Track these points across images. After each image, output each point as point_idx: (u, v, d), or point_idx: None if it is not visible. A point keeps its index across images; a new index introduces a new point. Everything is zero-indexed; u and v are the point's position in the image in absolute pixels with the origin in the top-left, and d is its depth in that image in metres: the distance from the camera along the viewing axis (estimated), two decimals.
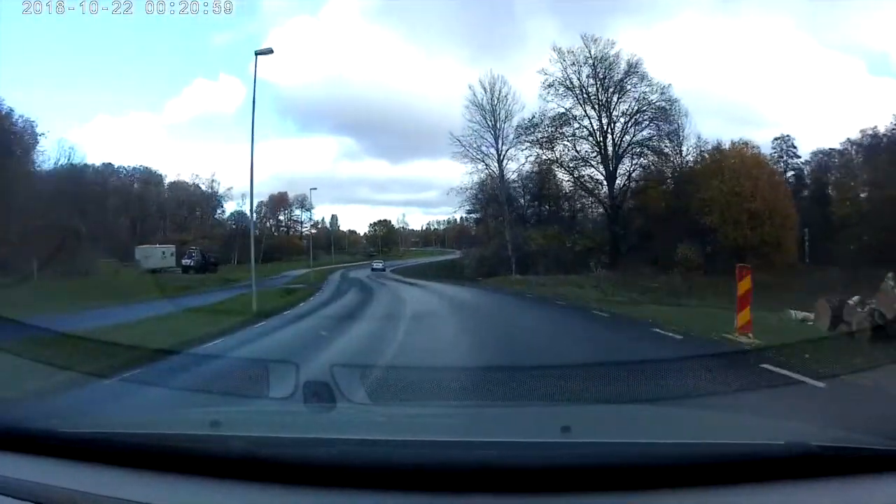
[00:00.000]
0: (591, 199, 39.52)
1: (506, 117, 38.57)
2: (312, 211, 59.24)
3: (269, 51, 23.87)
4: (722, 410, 4.33)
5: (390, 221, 68.18)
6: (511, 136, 38.47)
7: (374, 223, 67.92)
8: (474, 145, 38.53)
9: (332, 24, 60.66)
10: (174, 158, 76.53)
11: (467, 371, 7.88)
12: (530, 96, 45.20)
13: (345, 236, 66.98)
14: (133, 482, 1.73)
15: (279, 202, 58.52)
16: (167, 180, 49.44)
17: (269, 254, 48.62)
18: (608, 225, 37.21)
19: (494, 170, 39.05)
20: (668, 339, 11.11)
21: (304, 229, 59.10)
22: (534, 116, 37.90)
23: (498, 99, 38.56)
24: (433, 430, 2.36)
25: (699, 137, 37.04)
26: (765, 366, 7.70)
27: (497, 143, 38.72)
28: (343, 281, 37.85)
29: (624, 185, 37.65)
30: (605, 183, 37.67)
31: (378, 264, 51.20)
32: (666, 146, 37.33)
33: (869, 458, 1.68)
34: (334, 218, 66.43)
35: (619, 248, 35.92)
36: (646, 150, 37.39)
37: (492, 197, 40.37)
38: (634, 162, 37.79)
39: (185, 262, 39.80)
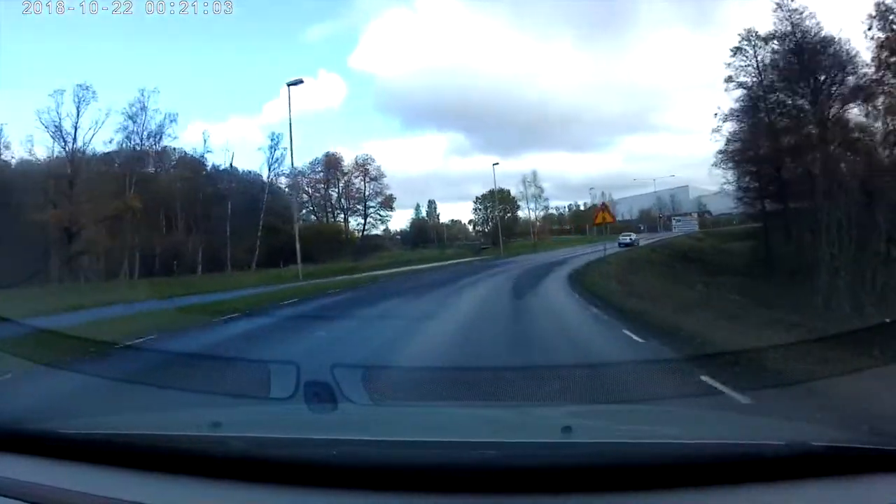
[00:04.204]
0: None
1: None
2: (382, 181, 40.53)
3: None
4: (723, 410, 4.27)
5: (510, 192, 44.70)
6: None
7: (483, 196, 43.48)
8: None
9: (430, 14, 56.30)
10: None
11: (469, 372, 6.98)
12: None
13: (443, 228, 50.08)
14: (133, 482, 1.74)
15: (331, 169, 40.21)
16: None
17: (302, 251, 33.20)
18: None
19: None
20: None
21: (371, 212, 40.65)
22: None
23: None
24: (434, 431, 2.36)
25: None
26: None
27: None
28: None
29: None
30: None
31: (626, 238, 37.73)
32: None
33: (870, 458, 1.67)
34: (431, 204, 48.99)
35: None
36: None
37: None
38: None
39: None
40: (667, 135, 72.19)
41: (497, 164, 42.43)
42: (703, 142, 67.92)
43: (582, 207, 53.08)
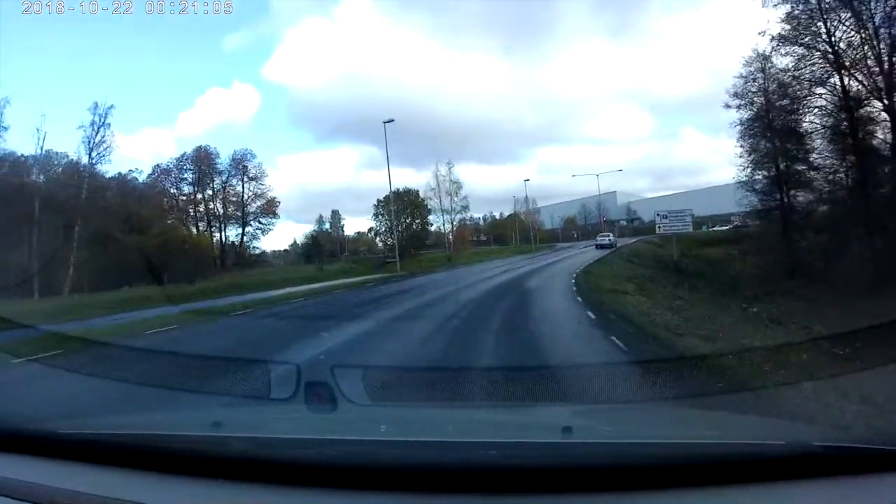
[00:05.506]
0: None
1: None
2: (264, 181, 35.25)
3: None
4: (722, 410, 4.27)
5: (418, 193, 37.43)
6: None
7: (386, 199, 35.07)
8: None
9: (348, 25, 56.29)
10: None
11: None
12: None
13: (345, 240, 46.41)
14: (133, 482, 1.73)
15: (202, 167, 32.96)
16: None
17: (152, 268, 24.05)
18: None
19: None
20: None
21: (251, 219, 34.87)
22: None
23: None
24: (434, 431, 2.35)
25: None
26: None
27: None
28: None
29: None
30: None
31: (605, 238, 35.89)
32: None
33: (869, 458, 1.68)
34: (335, 215, 45.41)
35: None
36: None
37: None
38: None
39: None
40: (585, 146, 77.13)
41: (390, 120, 32.75)
42: (621, 152, 73.12)
43: (497, 217, 52.32)
